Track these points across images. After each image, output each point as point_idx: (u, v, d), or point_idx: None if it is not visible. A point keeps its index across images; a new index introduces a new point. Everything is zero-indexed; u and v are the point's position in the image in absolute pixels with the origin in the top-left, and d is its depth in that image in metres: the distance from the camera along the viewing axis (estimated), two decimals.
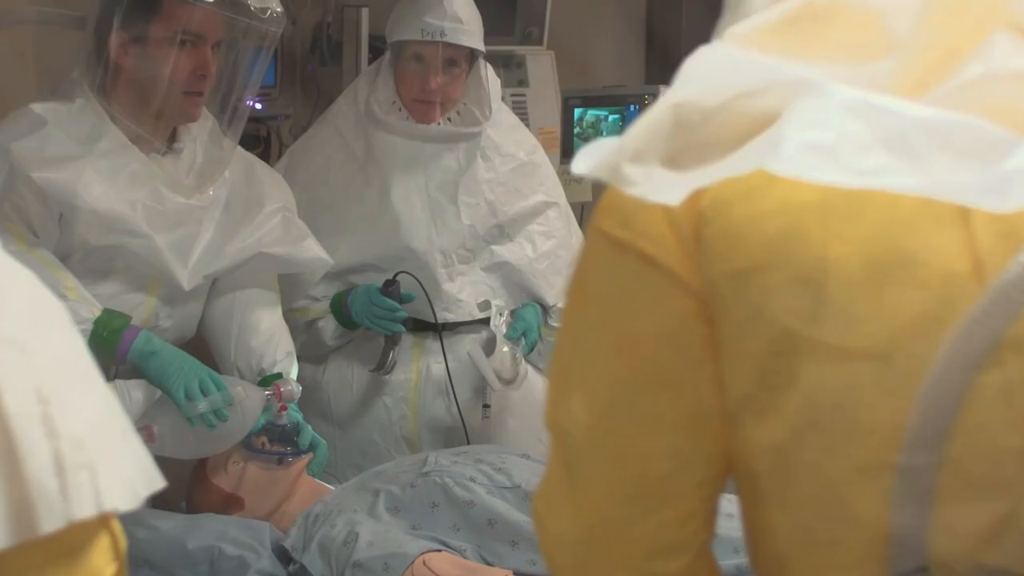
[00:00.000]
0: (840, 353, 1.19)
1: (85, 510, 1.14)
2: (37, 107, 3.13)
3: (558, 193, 3.97)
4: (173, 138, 3.29)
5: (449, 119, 3.78)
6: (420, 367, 3.79)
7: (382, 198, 3.75)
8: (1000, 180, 1.08)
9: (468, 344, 3.74)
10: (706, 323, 1.26)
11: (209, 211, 3.31)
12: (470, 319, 3.78)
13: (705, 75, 1.19)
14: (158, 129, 3.23)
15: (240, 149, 3.43)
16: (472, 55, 3.77)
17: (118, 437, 1.22)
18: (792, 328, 1.20)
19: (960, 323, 1.15)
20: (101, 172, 3.14)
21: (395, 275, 3.69)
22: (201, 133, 3.33)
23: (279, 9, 3.24)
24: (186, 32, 3.15)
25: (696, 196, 1.21)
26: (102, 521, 1.20)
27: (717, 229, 1.23)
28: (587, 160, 1.18)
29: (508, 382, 3.69)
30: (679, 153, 1.18)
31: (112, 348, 3.10)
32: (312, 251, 3.53)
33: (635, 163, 1.17)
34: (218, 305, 3.46)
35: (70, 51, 3.31)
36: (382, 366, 3.71)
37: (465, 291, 3.78)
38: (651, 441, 1.31)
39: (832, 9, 1.22)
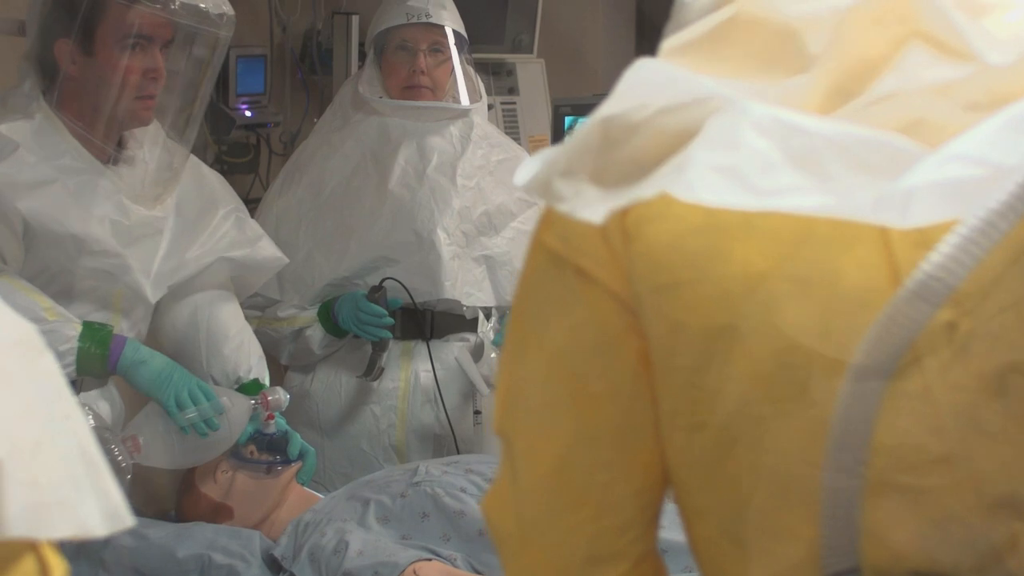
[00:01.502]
0: (761, 368, 1.19)
1: None
2: (4, 128, 3.05)
3: None
4: (120, 145, 3.21)
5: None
6: (408, 375, 3.78)
7: (380, 187, 3.74)
8: (900, 196, 1.07)
9: (456, 350, 3.73)
10: (640, 337, 1.26)
11: (166, 220, 3.26)
12: (464, 304, 3.76)
13: (634, 89, 1.18)
14: (109, 136, 3.16)
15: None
16: (457, 41, 3.80)
17: (58, 462, 1.16)
18: (713, 345, 1.20)
19: (870, 331, 1.14)
20: (72, 193, 3.08)
21: (381, 281, 3.68)
22: (148, 139, 3.25)
23: (229, 11, 3.19)
24: (133, 35, 3.07)
25: (623, 213, 1.21)
26: (27, 547, 1.15)
27: (641, 246, 1.24)
28: (524, 172, 1.19)
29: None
30: (606, 169, 1.18)
31: (103, 361, 3.07)
32: (268, 250, 3.48)
33: (565, 178, 1.17)
34: (179, 312, 3.40)
35: (8, 59, 3.25)
36: (370, 372, 3.70)
37: (460, 274, 3.77)
38: (587, 451, 1.31)
39: (753, 25, 1.22)
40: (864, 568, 1.19)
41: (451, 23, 3.78)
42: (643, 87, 1.18)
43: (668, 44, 1.24)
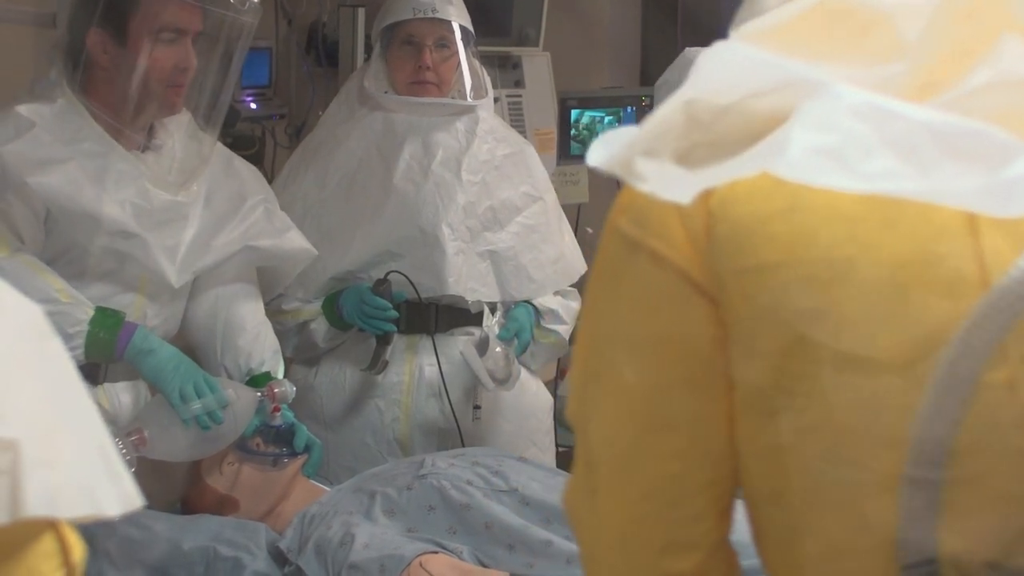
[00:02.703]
0: (860, 363, 1.19)
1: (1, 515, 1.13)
2: (23, 109, 3.09)
3: (544, 188, 3.95)
4: (150, 134, 3.26)
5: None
6: (413, 369, 3.78)
7: (385, 182, 3.74)
8: (1004, 186, 1.08)
9: (461, 344, 3.73)
10: (717, 324, 1.26)
11: (192, 207, 3.28)
12: (468, 299, 3.76)
13: (717, 72, 1.18)
14: (138, 125, 3.20)
15: (217, 143, 3.40)
16: (464, 36, 3.79)
17: (74, 445, 1.19)
18: (806, 333, 1.20)
19: (963, 326, 1.15)
20: (90, 173, 3.11)
21: (386, 273, 3.68)
22: (178, 128, 3.30)
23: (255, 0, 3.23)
24: (166, 27, 3.12)
25: (706, 194, 1.21)
26: (47, 526, 1.19)
27: (726, 228, 1.24)
28: (601, 152, 1.17)
29: (501, 382, 3.68)
30: (691, 150, 1.17)
31: (111, 347, 3.09)
32: (296, 242, 3.52)
33: (647, 158, 1.17)
34: (200, 302, 3.43)
35: (35, 49, 3.28)
36: (374, 366, 3.69)
37: (464, 269, 3.77)
38: (661, 441, 1.32)
39: (844, 10, 1.22)
40: (941, 560, 1.19)
41: (457, 18, 3.77)
42: (727, 70, 1.18)
43: (748, 29, 1.24)
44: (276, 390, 3.28)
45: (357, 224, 3.74)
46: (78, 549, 1.22)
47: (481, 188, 3.79)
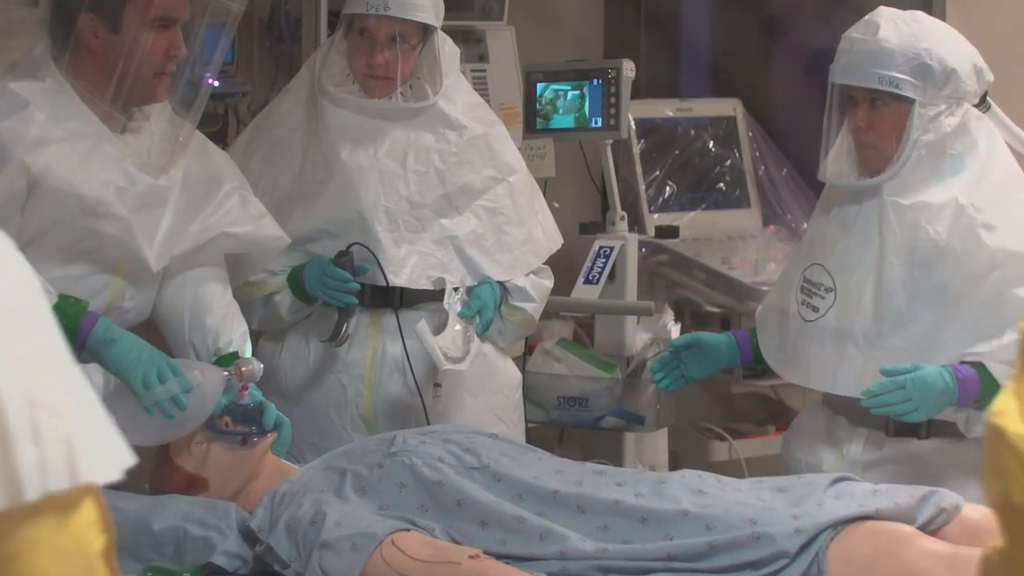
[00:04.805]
0: None
1: (61, 481, 1.16)
2: (15, 86, 3.10)
3: (515, 168, 3.93)
4: (129, 116, 3.27)
5: (401, 93, 3.76)
6: (376, 345, 3.77)
7: (332, 164, 3.73)
8: None
9: (418, 323, 3.71)
10: None
11: (171, 191, 3.28)
12: (413, 287, 3.75)
13: None
14: (122, 107, 3.22)
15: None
16: (426, 29, 3.75)
17: (92, 412, 1.22)
18: None
19: None
20: (80, 154, 3.13)
21: (348, 246, 3.68)
22: (156, 111, 3.31)
23: None
24: (159, 15, 3.14)
25: None
26: (87, 492, 1.20)
27: None
28: None
29: (456, 360, 3.66)
30: None
31: (72, 336, 3.06)
32: (270, 229, 3.53)
33: None
34: (168, 284, 3.42)
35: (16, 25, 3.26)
36: (335, 337, 3.69)
37: (412, 260, 3.76)
38: None
39: None
40: None
41: (414, 13, 3.69)
42: None
43: None
44: (243, 368, 3.27)
45: (299, 199, 3.75)
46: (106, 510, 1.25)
47: (431, 178, 3.78)
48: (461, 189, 3.82)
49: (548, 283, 3.98)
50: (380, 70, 3.71)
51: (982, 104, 3.44)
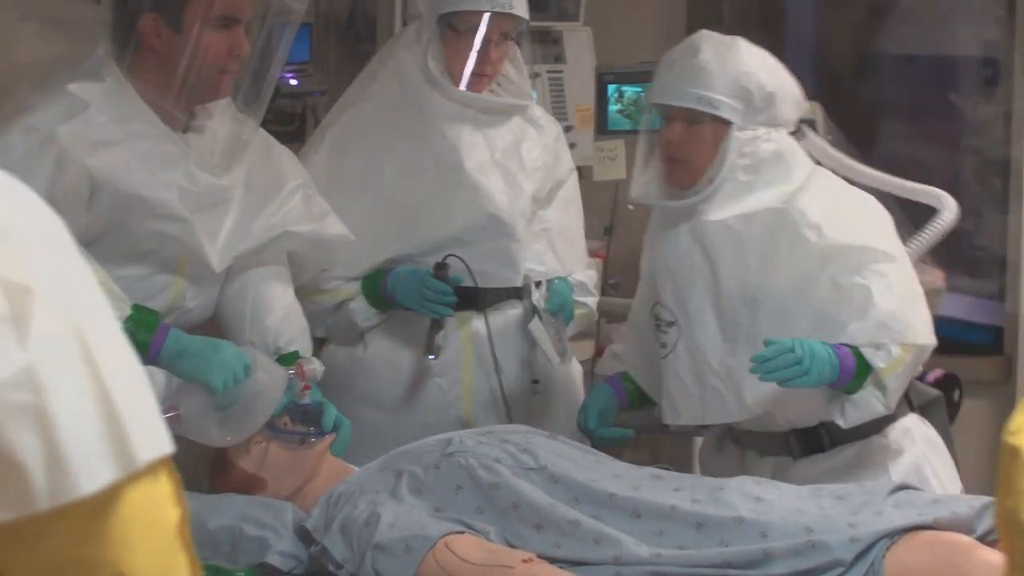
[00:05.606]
0: None
1: (163, 447, 1.19)
2: (75, 88, 3.10)
3: (572, 162, 3.99)
4: (191, 115, 3.27)
5: (491, 90, 3.76)
6: (470, 348, 3.77)
7: (452, 169, 3.69)
8: None
9: (512, 318, 3.75)
10: None
11: (234, 190, 3.28)
12: (531, 281, 3.76)
13: None
14: (184, 107, 3.22)
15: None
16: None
17: (146, 386, 1.24)
18: None
19: None
20: (141, 155, 3.13)
21: (444, 257, 3.64)
22: (219, 110, 3.31)
23: None
24: (222, 15, 3.14)
25: None
26: (163, 464, 1.22)
27: None
28: None
29: (562, 355, 3.67)
30: None
31: (145, 349, 3.05)
32: (335, 227, 3.49)
33: None
34: (230, 283, 3.42)
35: (79, 20, 3.28)
36: (431, 350, 3.66)
37: (526, 254, 3.78)
38: None
39: None
40: None
41: (523, 10, 3.69)
42: None
43: None
44: (305, 368, 3.26)
45: (419, 209, 3.70)
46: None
47: (541, 174, 3.80)
48: (557, 181, 3.86)
49: (595, 274, 4.02)
50: (490, 68, 3.69)
51: (797, 132, 3.40)
